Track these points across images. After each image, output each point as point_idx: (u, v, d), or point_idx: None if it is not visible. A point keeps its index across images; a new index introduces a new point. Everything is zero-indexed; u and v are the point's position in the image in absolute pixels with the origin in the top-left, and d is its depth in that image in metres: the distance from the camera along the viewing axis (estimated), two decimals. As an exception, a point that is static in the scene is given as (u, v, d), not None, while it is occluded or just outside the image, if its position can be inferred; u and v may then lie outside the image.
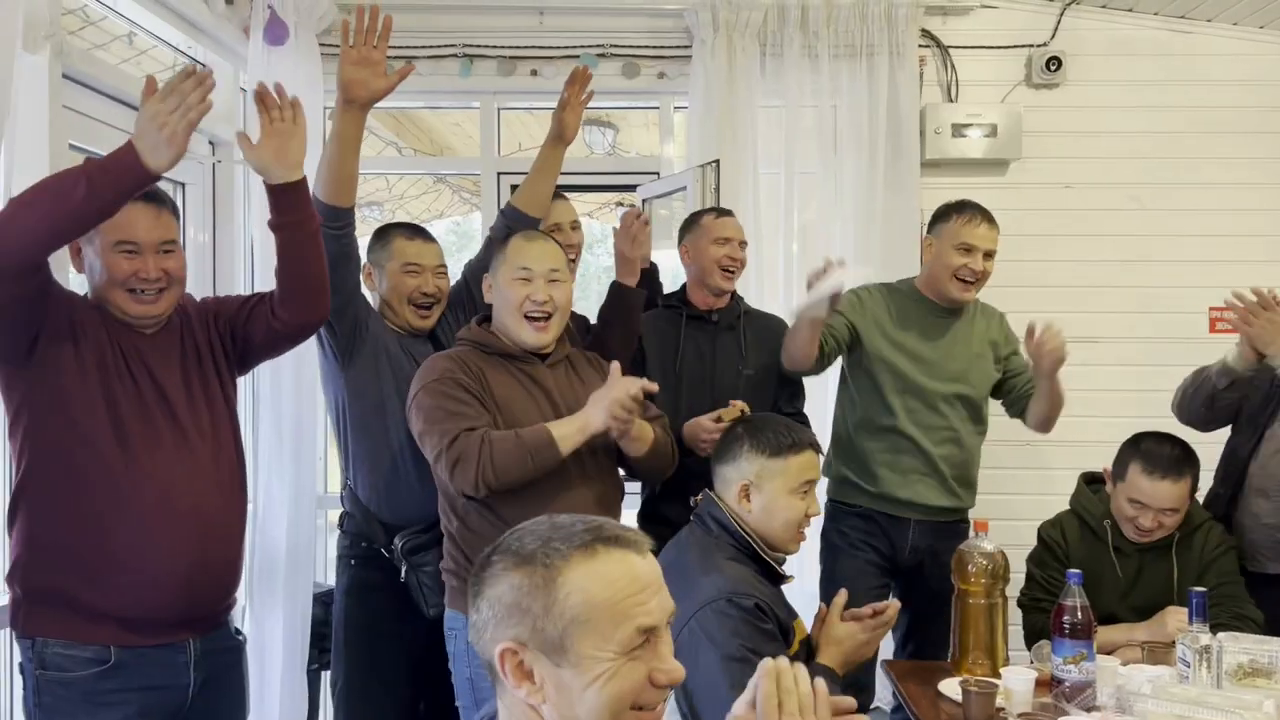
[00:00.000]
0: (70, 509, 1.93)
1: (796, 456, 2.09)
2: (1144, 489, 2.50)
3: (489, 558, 1.23)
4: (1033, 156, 3.93)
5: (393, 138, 5.28)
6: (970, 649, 2.40)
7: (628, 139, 5.27)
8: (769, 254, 3.86)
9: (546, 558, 1.18)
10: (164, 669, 1.99)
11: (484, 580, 1.21)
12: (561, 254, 2.42)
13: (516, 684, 1.17)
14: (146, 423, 1.98)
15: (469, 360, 2.29)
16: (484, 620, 1.20)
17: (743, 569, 2.01)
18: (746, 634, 1.88)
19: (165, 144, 1.79)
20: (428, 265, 2.66)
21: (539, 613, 1.16)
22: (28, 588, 1.95)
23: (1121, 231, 3.92)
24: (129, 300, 2.00)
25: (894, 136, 3.83)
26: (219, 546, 2.06)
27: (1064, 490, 2.79)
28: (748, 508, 2.08)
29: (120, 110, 2.89)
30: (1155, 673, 2.18)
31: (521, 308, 2.29)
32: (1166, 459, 2.49)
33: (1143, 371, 3.77)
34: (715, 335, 2.96)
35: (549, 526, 1.23)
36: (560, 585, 1.16)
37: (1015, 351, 3.02)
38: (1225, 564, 2.57)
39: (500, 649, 1.17)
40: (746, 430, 2.13)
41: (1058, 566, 2.63)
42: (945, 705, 2.28)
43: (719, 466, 2.15)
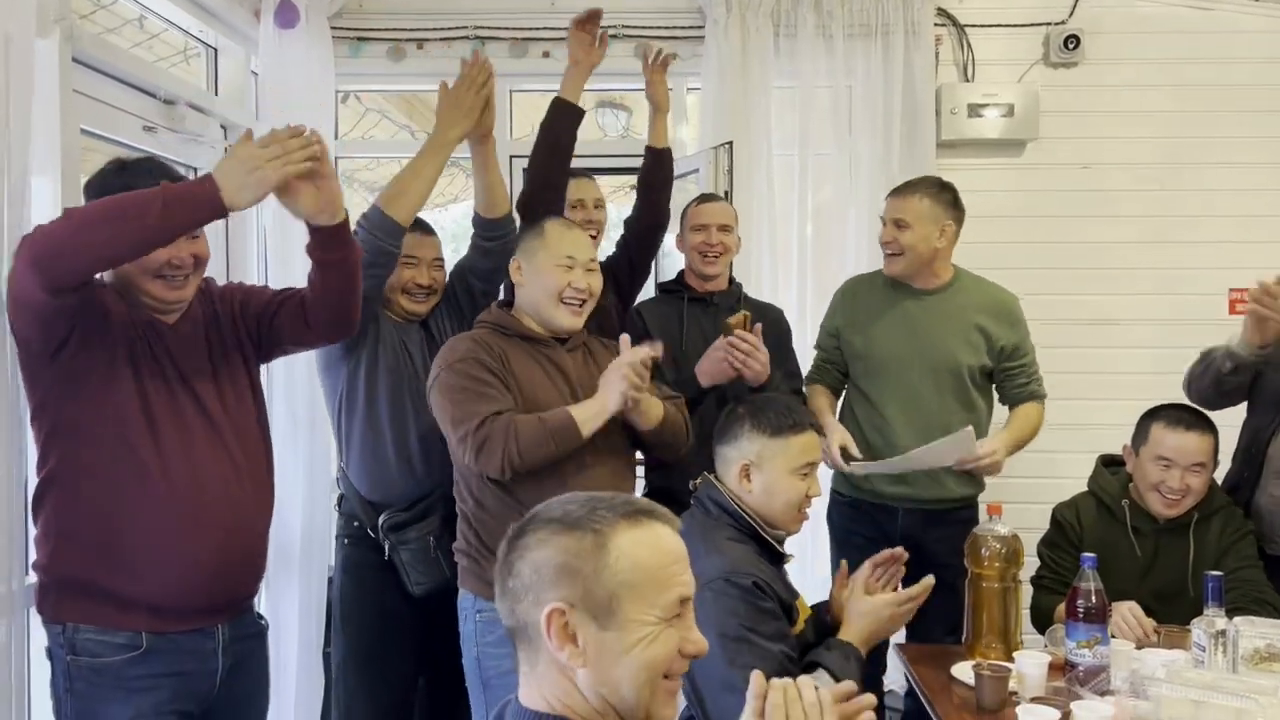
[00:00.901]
0: (101, 500, 1.92)
1: (798, 436, 2.08)
2: (1169, 443, 2.50)
3: (523, 529, 1.25)
4: (1050, 137, 3.88)
5: (405, 121, 5.28)
6: (984, 633, 2.39)
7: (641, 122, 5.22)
8: (783, 236, 3.83)
9: (595, 523, 1.22)
10: (194, 655, 2.01)
11: (521, 548, 1.23)
12: (593, 246, 2.49)
13: (560, 646, 1.20)
14: (175, 413, 1.99)
15: (490, 341, 2.32)
16: (524, 585, 1.22)
17: (743, 549, 2.00)
18: (745, 613, 1.88)
19: (253, 186, 1.82)
20: (425, 258, 2.68)
21: (589, 574, 1.20)
22: (57, 576, 1.95)
23: (1140, 212, 3.87)
24: (162, 286, 1.99)
25: (909, 117, 3.80)
26: (247, 535, 2.08)
27: (1079, 474, 2.77)
28: (748, 488, 2.07)
29: (131, 95, 2.89)
30: (1170, 657, 2.17)
31: (563, 294, 2.34)
32: (1189, 417, 2.54)
33: (1161, 354, 3.72)
34: (717, 317, 2.98)
35: (587, 498, 1.27)
36: (610, 549, 1.21)
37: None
38: (1244, 548, 2.55)
39: (549, 609, 1.20)
40: (748, 410, 2.13)
41: (1069, 549, 2.63)
42: (958, 689, 2.27)
43: (720, 447, 2.15)
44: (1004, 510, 2.45)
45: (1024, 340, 2.98)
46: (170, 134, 3.08)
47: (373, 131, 5.15)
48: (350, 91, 4.44)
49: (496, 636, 2.20)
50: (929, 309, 2.94)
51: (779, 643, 1.89)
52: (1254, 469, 2.67)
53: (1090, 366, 3.81)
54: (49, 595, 1.96)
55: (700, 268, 2.99)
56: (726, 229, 2.99)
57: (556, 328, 2.38)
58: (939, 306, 2.94)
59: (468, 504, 2.31)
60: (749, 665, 1.80)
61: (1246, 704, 1.84)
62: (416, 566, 2.57)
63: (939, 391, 2.91)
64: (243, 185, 1.81)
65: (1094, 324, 3.84)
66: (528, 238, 2.44)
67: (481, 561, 2.25)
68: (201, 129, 3.27)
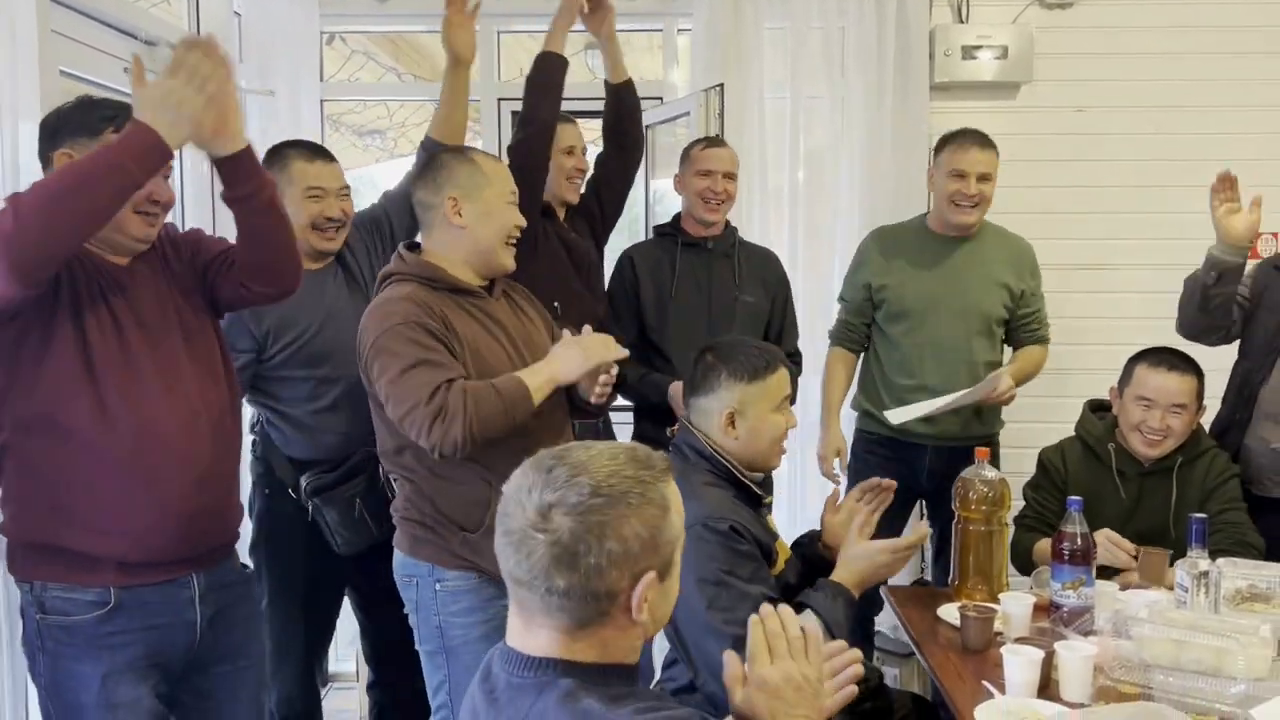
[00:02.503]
0: (49, 460, 1.85)
1: (774, 375, 2.09)
2: (1151, 383, 2.52)
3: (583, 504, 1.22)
4: (1045, 79, 3.83)
5: (392, 63, 5.19)
6: (970, 575, 2.42)
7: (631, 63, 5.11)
8: (774, 180, 3.80)
9: (657, 487, 1.27)
10: (167, 607, 1.94)
11: (599, 525, 1.22)
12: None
13: (639, 609, 1.25)
14: (124, 361, 1.88)
15: (428, 300, 2.15)
16: (610, 559, 1.22)
17: (720, 493, 2.01)
18: (723, 557, 1.89)
19: (184, 122, 1.74)
20: (331, 188, 2.55)
21: (664, 540, 1.27)
22: (20, 539, 1.91)
23: (1136, 156, 3.84)
24: (139, 223, 1.91)
25: (902, 59, 3.75)
26: (212, 481, 1.98)
27: (1067, 418, 2.79)
28: (734, 435, 2.07)
29: (112, 36, 2.83)
30: (1153, 597, 2.20)
31: (511, 234, 2.23)
32: (1172, 357, 2.56)
33: (1155, 299, 3.69)
34: (710, 262, 3.00)
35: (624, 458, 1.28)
36: (671, 510, 1.29)
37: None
38: (1229, 490, 2.57)
39: (646, 582, 1.24)
40: (719, 358, 2.10)
41: (1053, 491, 2.66)
42: (944, 630, 2.30)
43: (696, 399, 2.12)
44: (993, 454, 2.47)
45: (1039, 287, 3.06)
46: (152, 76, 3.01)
47: (359, 74, 5.08)
48: (335, 33, 4.36)
49: (462, 606, 2.16)
50: (963, 257, 3.01)
51: (757, 584, 1.91)
52: (1245, 411, 2.69)
53: (1083, 311, 3.80)
54: (15, 555, 1.92)
55: (703, 214, 2.98)
56: (731, 176, 3.00)
57: (497, 271, 2.24)
58: (971, 255, 2.99)
59: (417, 473, 2.18)
60: (728, 608, 1.84)
61: (1227, 644, 1.86)
62: (343, 529, 2.52)
63: (968, 335, 3.02)
64: (174, 123, 1.73)
65: (1087, 269, 3.83)
66: (462, 173, 2.21)
67: (442, 532, 2.16)
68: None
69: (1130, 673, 1.92)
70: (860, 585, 2.06)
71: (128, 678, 1.88)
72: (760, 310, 3.01)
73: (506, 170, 2.31)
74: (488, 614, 2.15)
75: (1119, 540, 2.42)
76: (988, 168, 2.97)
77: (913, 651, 3.41)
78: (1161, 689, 1.86)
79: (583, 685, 1.23)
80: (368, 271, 2.68)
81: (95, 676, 1.86)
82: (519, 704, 1.24)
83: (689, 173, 2.99)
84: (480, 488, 2.11)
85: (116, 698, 1.87)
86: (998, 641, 2.14)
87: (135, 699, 1.88)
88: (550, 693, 1.22)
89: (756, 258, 3.11)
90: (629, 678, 1.30)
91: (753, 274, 3.03)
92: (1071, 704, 1.86)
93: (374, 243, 2.74)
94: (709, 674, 1.86)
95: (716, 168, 2.96)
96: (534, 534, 1.22)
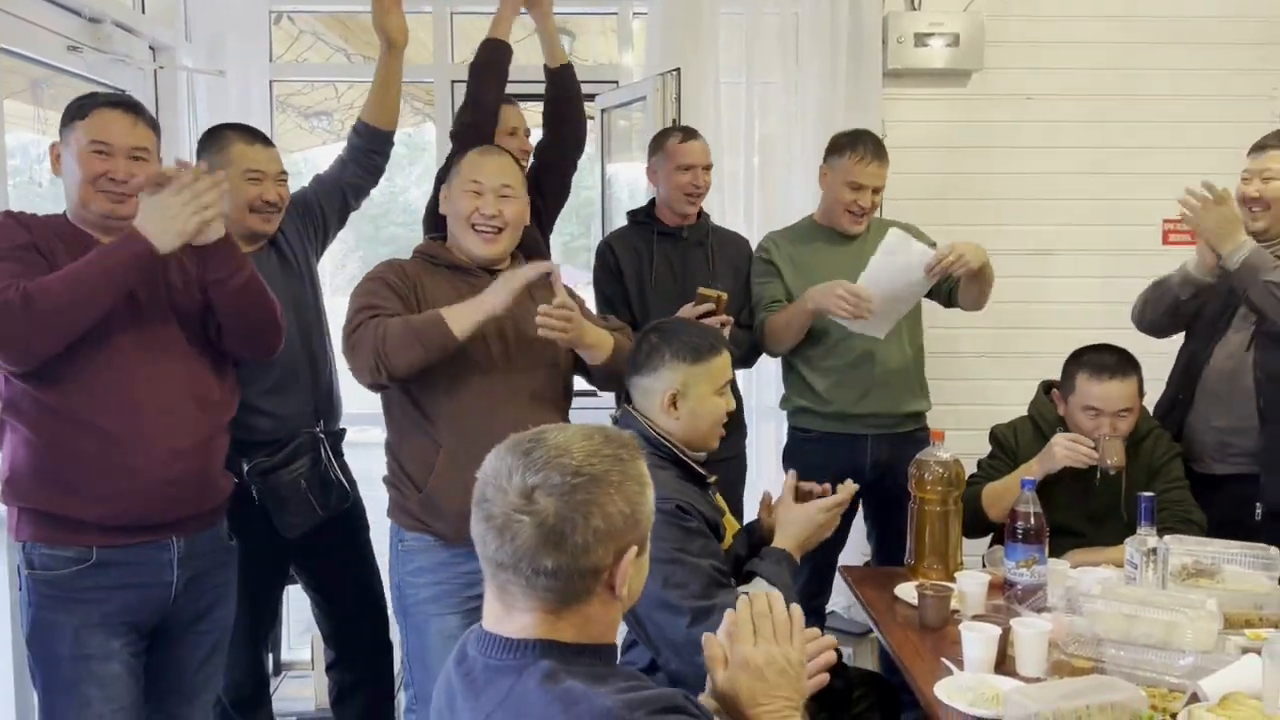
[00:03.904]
0: (38, 432, 1.99)
1: (717, 358, 2.10)
2: (1095, 394, 2.56)
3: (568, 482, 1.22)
4: (995, 67, 3.88)
5: (341, 44, 5.11)
6: (926, 554, 2.46)
7: (585, 46, 5.14)
8: (730, 166, 3.81)
9: (634, 465, 1.28)
10: (146, 567, 2.06)
11: (584, 506, 1.22)
12: (517, 170, 2.40)
13: (622, 584, 1.26)
14: (103, 338, 1.98)
15: (407, 268, 2.32)
16: (598, 537, 1.22)
17: (664, 474, 2.01)
18: (672, 536, 1.91)
19: (174, 235, 1.97)
20: (270, 172, 2.56)
21: (644, 516, 1.28)
22: (17, 503, 2.05)
23: (1081, 143, 3.91)
24: (101, 199, 2.03)
25: (856, 45, 3.77)
26: (194, 451, 2.08)
27: (1019, 400, 2.83)
28: (675, 415, 2.08)
29: (55, 12, 2.76)
30: (1104, 574, 2.25)
31: (470, 219, 2.31)
32: (1110, 362, 2.58)
33: (1099, 283, 3.81)
34: (685, 251, 3.02)
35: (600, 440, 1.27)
36: (648, 486, 1.30)
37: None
38: (1172, 469, 2.64)
39: (630, 556, 1.25)
40: (662, 339, 2.11)
41: (1005, 459, 2.71)
42: (902, 609, 2.33)
43: (638, 378, 2.13)
44: (946, 436, 2.51)
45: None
46: (96, 54, 2.95)
47: (306, 54, 4.99)
48: (283, 12, 4.28)
49: (415, 566, 2.29)
50: (860, 244, 3.00)
51: (708, 558, 1.93)
52: (1188, 392, 2.75)
53: (1032, 296, 3.87)
54: (12, 518, 2.07)
55: (683, 207, 3.01)
56: (708, 168, 3.02)
57: (473, 256, 2.34)
58: (867, 242, 2.97)
59: (388, 429, 2.35)
60: (682, 583, 1.86)
61: (1176, 617, 1.91)
62: (288, 512, 2.52)
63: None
64: (164, 233, 1.95)
65: (1035, 254, 3.90)
66: (452, 165, 2.42)
67: (402, 489, 2.28)
68: (128, 49, 3.14)
69: (1083, 647, 1.97)
70: (800, 548, 2.12)
71: (100, 631, 2.02)
72: (732, 298, 2.99)
73: (486, 160, 2.34)
74: (438, 577, 2.25)
75: (1077, 437, 2.49)
76: (882, 181, 3.00)
77: (865, 631, 3.48)
78: (1113, 662, 1.91)
79: (563, 665, 1.23)
80: (300, 254, 2.68)
81: (69, 627, 2.00)
82: (498, 685, 1.23)
83: (667, 166, 2.98)
84: (428, 446, 2.23)
85: (89, 649, 2.00)
86: (955, 619, 2.17)
87: (107, 653, 2.02)
88: (530, 674, 1.22)
89: (730, 245, 3.12)
90: (608, 657, 1.30)
91: (726, 261, 3.05)
92: (1027, 678, 1.90)
93: (305, 226, 2.73)
94: (670, 651, 1.88)
95: (697, 161, 2.98)
96: (519, 517, 1.22)
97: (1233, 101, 3.86)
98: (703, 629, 1.83)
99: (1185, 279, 2.71)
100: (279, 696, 3.61)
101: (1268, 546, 2.25)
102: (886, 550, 3.07)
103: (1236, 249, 2.51)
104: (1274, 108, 3.87)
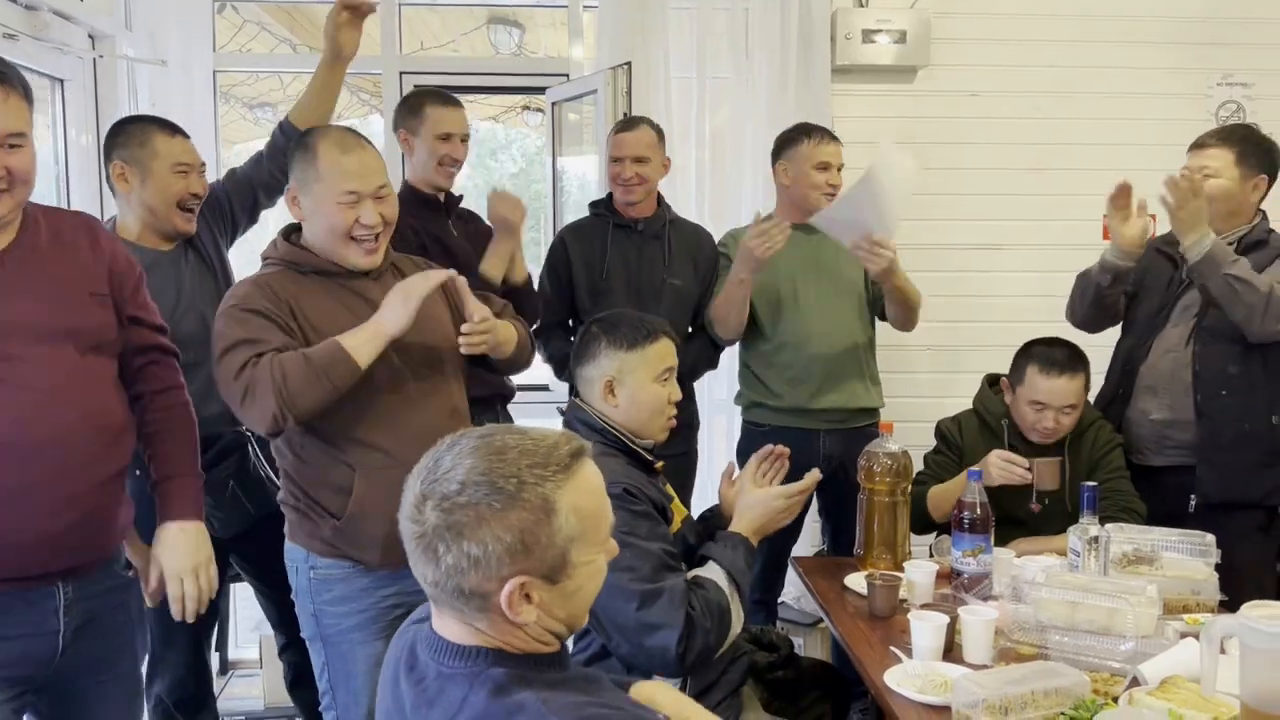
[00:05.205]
0: None
1: (654, 345, 2.10)
2: (1042, 389, 2.60)
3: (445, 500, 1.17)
4: (941, 64, 3.93)
5: (286, 34, 5.03)
6: (875, 544, 2.49)
7: (535, 39, 5.11)
8: (680, 160, 3.81)
9: (539, 488, 1.19)
10: (25, 619, 1.75)
11: (456, 525, 1.17)
12: (382, 163, 2.14)
13: (517, 611, 1.19)
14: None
15: (274, 283, 2.05)
16: (470, 562, 1.17)
17: (613, 461, 2.02)
18: (620, 519, 1.89)
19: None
20: (195, 164, 2.52)
21: (544, 544, 1.19)
22: None
23: (1025, 140, 3.96)
24: None
25: (805, 41, 3.79)
26: (82, 492, 1.76)
27: (967, 392, 2.87)
28: (614, 403, 2.09)
29: None
30: (1048, 563, 2.30)
31: (350, 232, 2.06)
32: (1061, 358, 2.62)
33: (1044, 277, 3.86)
34: (641, 244, 3.01)
35: (515, 455, 1.20)
36: (558, 513, 1.19)
37: None
38: (1113, 460, 2.70)
39: (511, 588, 1.18)
40: (601, 328, 2.12)
41: (950, 455, 2.76)
42: (851, 598, 2.36)
43: (579, 368, 2.13)
44: (895, 428, 2.54)
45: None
46: (33, 42, 2.88)
47: (251, 44, 4.90)
48: (227, 1, 4.21)
49: (334, 595, 2.11)
50: (818, 240, 3.01)
51: (656, 541, 1.94)
52: (1127, 386, 2.81)
53: (976, 290, 3.93)
54: None
55: (620, 197, 3.00)
56: (642, 160, 2.97)
57: (354, 268, 2.10)
58: (825, 237, 2.99)
59: (286, 459, 2.12)
60: (632, 567, 1.86)
61: (1118, 604, 1.96)
62: (218, 511, 2.45)
63: (841, 310, 3.02)
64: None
65: (981, 249, 3.95)
66: (300, 163, 2.08)
67: (313, 518, 2.09)
68: (66, 37, 3.07)
69: (1028, 634, 2.01)
70: (758, 533, 2.11)
71: None
72: (689, 292, 3.02)
73: (350, 163, 2.06)
74: (361, 604, 2.10)
75: (1013, 458, 2.53)
76: (842, 158, 3.06)
77: (815, 621, 3.51)
78: (1057, 648, 1.95)
79: (516, 676, 1.20)
80: (214, 253, 2.64)
81: None
82: (451, 695, 1.20)
83: (607, 158, 3.00)
84: (342, 473, 2.05)
85: None
86: (903, 608, 2.21)
87: None
88: (481, 684, 1.19)
89: (689, 239, 3.11)
90: (559, 662, 1.27)
91: (684, 255, 3.04)
92: (974, 666, 1.94)
93: (216, 222, 2.68)
94: (620, 636, 1.88)
95: (624, 153, 2.96)
96: (409, 523, 1.21)
97: (1171, 99, 3.94)
98: (651, 611, 1.84)
99: (1103, 266, 2.77)
100: (227, 695, 3.57)
101: (1204, 534, 2.31)
102: (840, 542, 3.10)
103: (1200, 240, 2.56)
104: (1210, 105, 3.97)
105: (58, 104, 3.23)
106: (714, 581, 1.97)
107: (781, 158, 3.08)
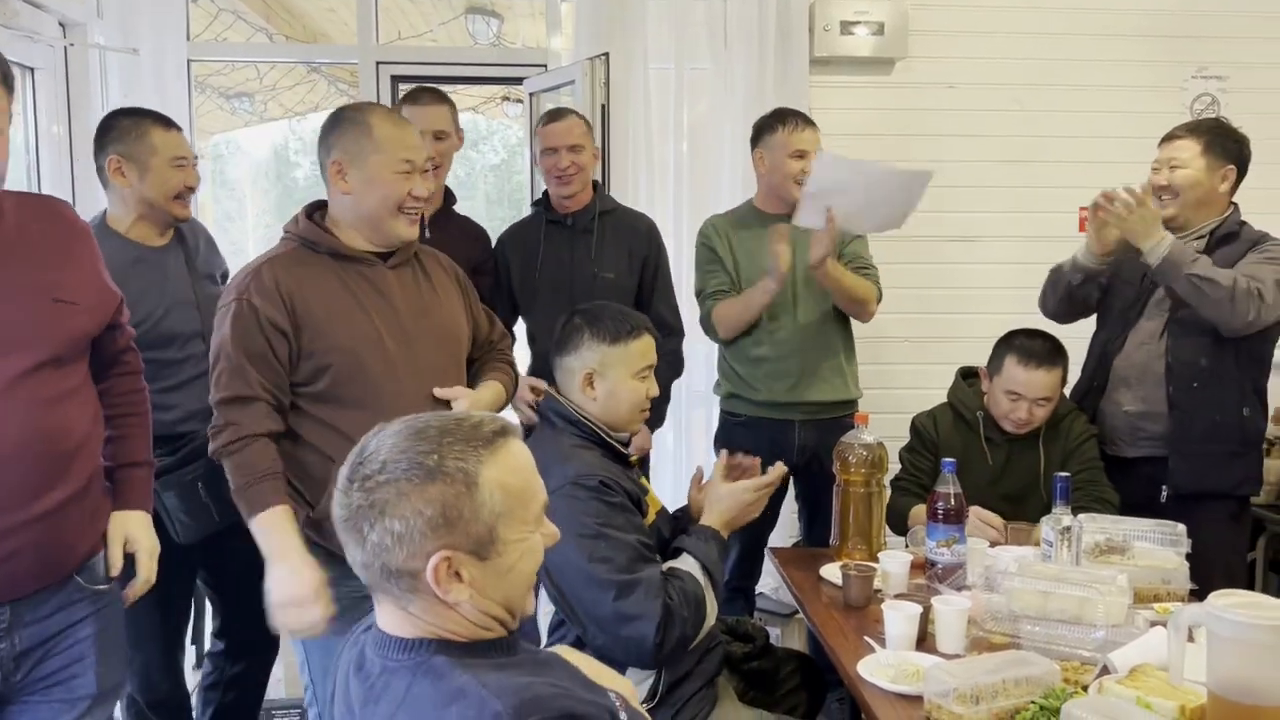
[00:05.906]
0: None
1: (636, 341, 2.11)
2: (1020, 380, 2.62)
3: (369, 480, 1.18)
4: (918, 56, 3.94)
5: (262, 23, 4.99)
6: (850, 535, 2.50)
7: (513, 29, 5.09)
8: (659, 152, 3.82)
9: (459, 463, 1.19)
10: None
11: (378, 503, 1.17)
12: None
13: (447, 589, 1.19)
14: None
15: (279, 272, 2.03)
16: (394, 540, 1.18)
17: (589, 453, 2.04)
18: (596, 511, 1.93)
19: None
20: (190, 157, 2.54)
21: (468, 518, 1.19)
22: None
23: (1002, 132, 3.99)
24: None
25: (783, 32, 3.79)
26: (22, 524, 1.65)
27: (943, 384, 2.89)
28: (592, 395, 2.09)
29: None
30: (1021, 553, 2.31)
31: (402, 204, 2.09)
32: (1040, 351, 2.63)
33: (1020, 269, 3.87)
34: (572, 239, 2.98)
35: (430, 431, 1.21)
36: (482, 487, 1.19)
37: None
38: (1087, 451, 2.72)
39: (435, 561, 1.17)
40: (585, 320, 2.12)
41: (926, 454, 2.77)
42: (826, 588, 2.37)
43: (560, 358, 2.13)
44: (871, 420, 2.55)
45: (864, 248, 3.08)
46: (3, 30, 2.84)
47: (226, 33, 4.86)
48: (201, -11, 4.18)
49: None
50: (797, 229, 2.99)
51: (632, 532, 1.95)
52: (1101, 378, 2.83)
53: (953, 282, 3.95)
54: None
55: (557, 190, 2.95)
56: (576, 148, 2.92)
57: (392, 241, 2.12)
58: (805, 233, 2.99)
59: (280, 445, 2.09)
60: (608, 558, 1.87)
61: (1089, 593, 1.97)
62: (183, 514, 2.41)
63: (817, 300, 3.01)
64: None
65: (956, 241, 3.97)
66: (350, 136, 2.08)
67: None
68: (36, 25, 3.03)
69: (1001, 624, 2.02)
70: (728, 526, 2.13)
71: None
72: (623, 284, 2.95)
73: (403, 132, 2.11)
74: (336, 593, 2.03)
75: (988, 518, 2.52)
76: (819, 144, 3.03)
77: (792, 612, 3.53)
78: (1029, 638, 1.96)
79: (458, 662, 1.19)
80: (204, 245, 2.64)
81: None
82: (395, 688, 1.20)
83: (538, 150, 2.95)
84: (323, 464, 2.04)
85: None
86: (878, 598, 2.22)
87: None
88: (424, 675, 1.19)
89: (623, 229, 3.02)
90: (506, 647, 1.26)
91: (616, 246, 2.98)
92: (947, 655, 1.95)
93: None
94: (596, 627, 1.89)
95: (558, 143, 2.90)
96: (337, 507, 1.22)
97: (1147, 92, 3.97)
98: (628, 602, 1.85)
99: (1075, 265, 2.81)
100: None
101: (1175, 524, 2.33)
102: (816, 532, 3.11)
103: (1157, 245, 2.58)
104: (1185, 99, 4.00)
105: (29, 93, 3.20)
106: (689, 572, 1.98)
107: (759, 144, 3.08)
